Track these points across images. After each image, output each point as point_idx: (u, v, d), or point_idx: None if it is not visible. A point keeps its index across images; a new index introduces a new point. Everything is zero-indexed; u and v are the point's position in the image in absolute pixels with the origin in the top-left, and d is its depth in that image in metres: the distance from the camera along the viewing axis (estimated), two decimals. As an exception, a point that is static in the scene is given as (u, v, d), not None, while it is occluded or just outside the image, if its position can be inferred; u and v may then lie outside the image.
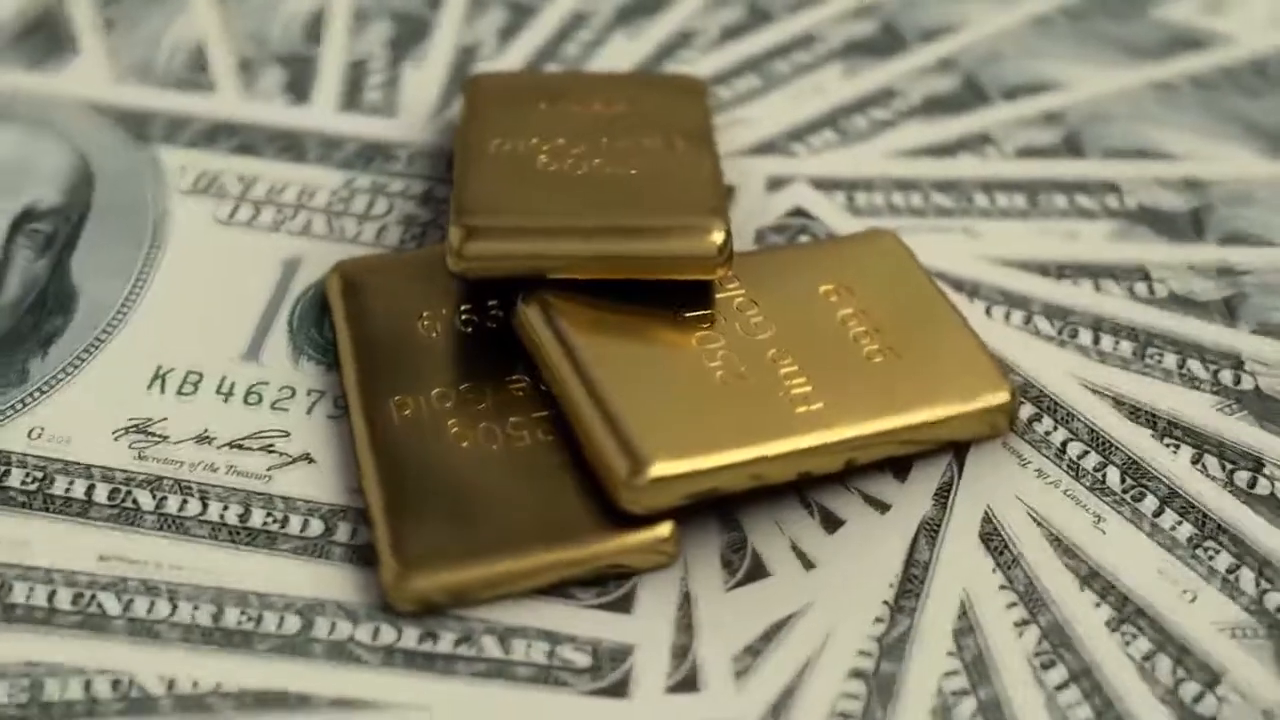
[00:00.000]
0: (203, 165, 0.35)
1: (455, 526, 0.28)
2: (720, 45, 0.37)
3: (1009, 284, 0.32)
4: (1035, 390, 0.30)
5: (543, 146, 0.32)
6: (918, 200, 0.34)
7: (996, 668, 0.27)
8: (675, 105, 0.33)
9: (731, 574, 0.28)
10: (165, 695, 0.26)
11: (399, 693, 0.27)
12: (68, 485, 0.29)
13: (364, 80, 0.37)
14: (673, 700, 0.27)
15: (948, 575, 0.28)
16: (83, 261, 0.33)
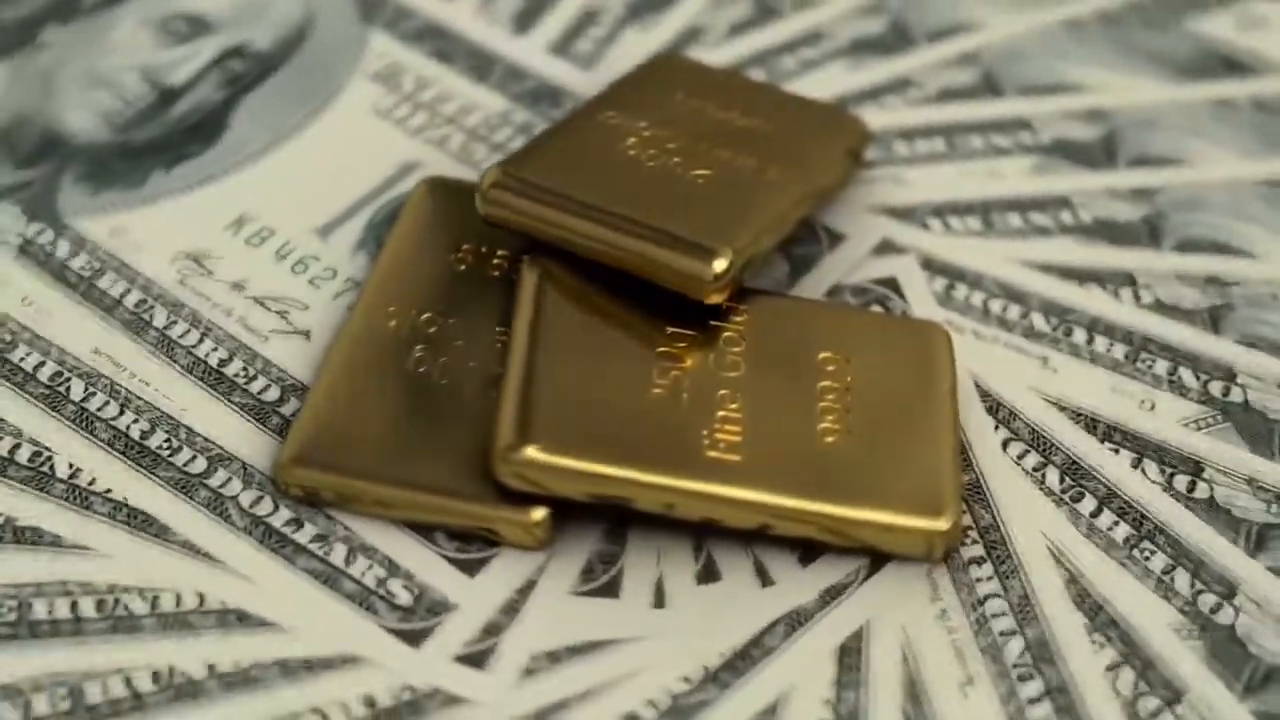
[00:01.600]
0: (396, 56, 0.37)
1: (360, 437, 0.29)
2: (729, 39, 0.37)
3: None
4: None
5: (643, 132, 0.32)
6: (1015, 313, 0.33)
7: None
8: (812, 137, 0.33)
9: (585, 581, 0.28)
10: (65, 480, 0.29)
11: (238, 559, 0.29)
12: (111, 284, 0.33)
13: (586, 30, 0.38)
14: (453, 668, 0.27)
15: (780, 669, 0.28)
16: (251, 105, 0.36)
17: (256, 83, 0.37)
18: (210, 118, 0.36)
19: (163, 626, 0.28)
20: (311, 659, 0.27)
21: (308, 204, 0.34)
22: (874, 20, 0.38)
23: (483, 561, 0.29)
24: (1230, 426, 0.31)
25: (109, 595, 0.28)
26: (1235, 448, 0.30)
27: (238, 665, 0.27)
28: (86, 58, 0.37)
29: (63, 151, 0.35)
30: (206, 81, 0.37)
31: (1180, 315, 0.32)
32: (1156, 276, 0.33)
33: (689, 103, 0.34)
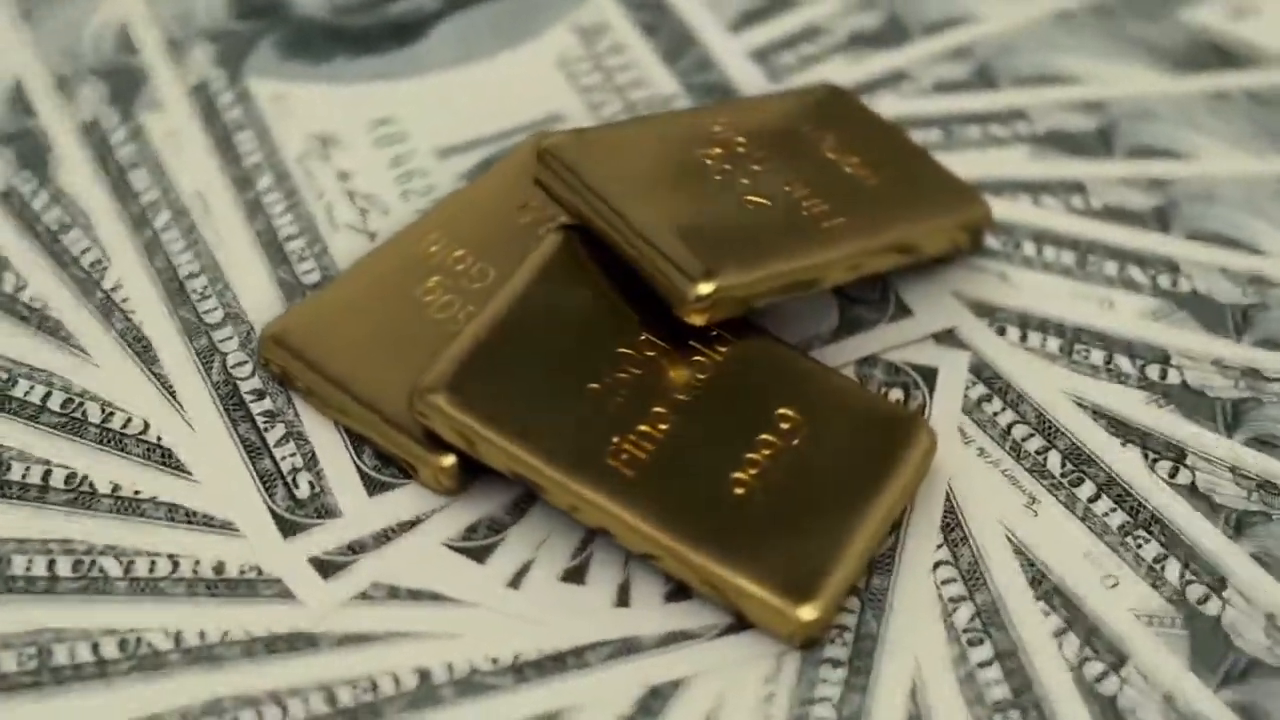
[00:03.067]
0: (609, 16, 0.37)
1: (341, 339, 0.31)
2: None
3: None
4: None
5: (737, 146, 0.32)
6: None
7: None
8: (916, 203, 0.32)
9: (464, 539, 0.29)
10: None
11: (194, 406, 0.30)
12: (244, 141, 0.35)
13: (798, 45, 0.37)
14: (302, 567, 0.28)
15: (581, 687, 0.27)
16: (457, 22, 0.37)
17: (471, 3, 0.39)
18: (416, 23, 0.38)
19: (100, 439, 0.30)
20: (196, 513, 0.29)
21: (445, 125, 0.35)
22: (870, 14, 0.37)
23: (388, 487, 0.30)
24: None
25: (77, 398, 0.31)
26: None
27: (138, 494, 0.30)
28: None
29: (279, 15, 0.38)
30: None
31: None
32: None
33: (812, 134, 0.34)
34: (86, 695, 0.27)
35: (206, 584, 0.29)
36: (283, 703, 0.27)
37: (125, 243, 0.33)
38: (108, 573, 0.29)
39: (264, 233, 0.34)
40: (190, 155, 0.35)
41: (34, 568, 0.29)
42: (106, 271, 0.33)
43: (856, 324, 0.33)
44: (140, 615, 0.28)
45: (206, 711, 0.27)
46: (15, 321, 0.32)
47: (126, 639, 0.28)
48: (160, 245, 0.33)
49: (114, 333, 0.32)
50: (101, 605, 0.28)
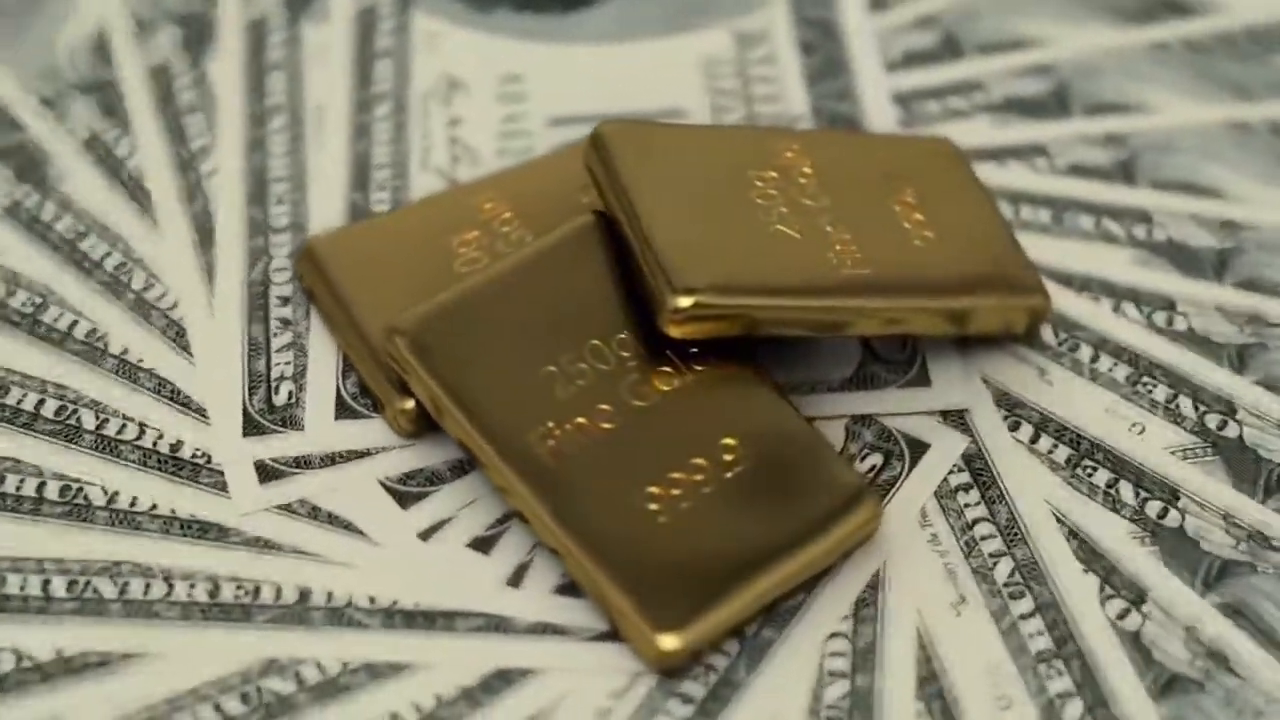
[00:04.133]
0: (776, 25, 0.37)
1: (365, 272, 0.31)
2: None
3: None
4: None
5: (798, 175, 0.32)
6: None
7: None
8: (965, 273, 0.31)
9: (397, 482, 0.30)
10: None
11: (221, 301, 0.32)
12: (381, 69, 0.36)
13: (947, 97, 0.36)
14: (244, 467, 0.30)
15: (436, 648, 0.28)
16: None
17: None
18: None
19: (135, 306, 0.32)
20: (180, 392, 0.31)
21: (566, 96, 0.36)
22: (1036, 81, 0.36)
23: (356, 416, 0.31)
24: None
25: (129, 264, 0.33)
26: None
27: (140, 361, 0.31)
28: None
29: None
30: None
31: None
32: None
33: (890, 183, 0.33)
34: (15, 522, 0.29)
35: (159, 458, 0.30)
36: (171, 581, 0.29)
37: (237, 134, 0.35)
38: (82, 425, 0.31)
39: (360, 157, 0.35)
40: (331, 70, 0.37)
41: (23, 401, 0.31)
42: (210, 153, 0.35)
43: (869, 380, 0.32)
44: (90, 469, 0.30)
45: (104, 570, 0.29)
46: (118, 191, 0.34)
47: (69, 485, 0.30)
48: (265, 144, 0.35)
49: (190, 210, 0.34)
50: (62, 453, 0.30)
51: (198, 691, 0.28)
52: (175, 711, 0.27)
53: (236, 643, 0.28)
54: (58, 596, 0.29)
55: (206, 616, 0.29)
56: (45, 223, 0.34)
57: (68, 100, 0.35)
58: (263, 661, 0.28)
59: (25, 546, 0.29)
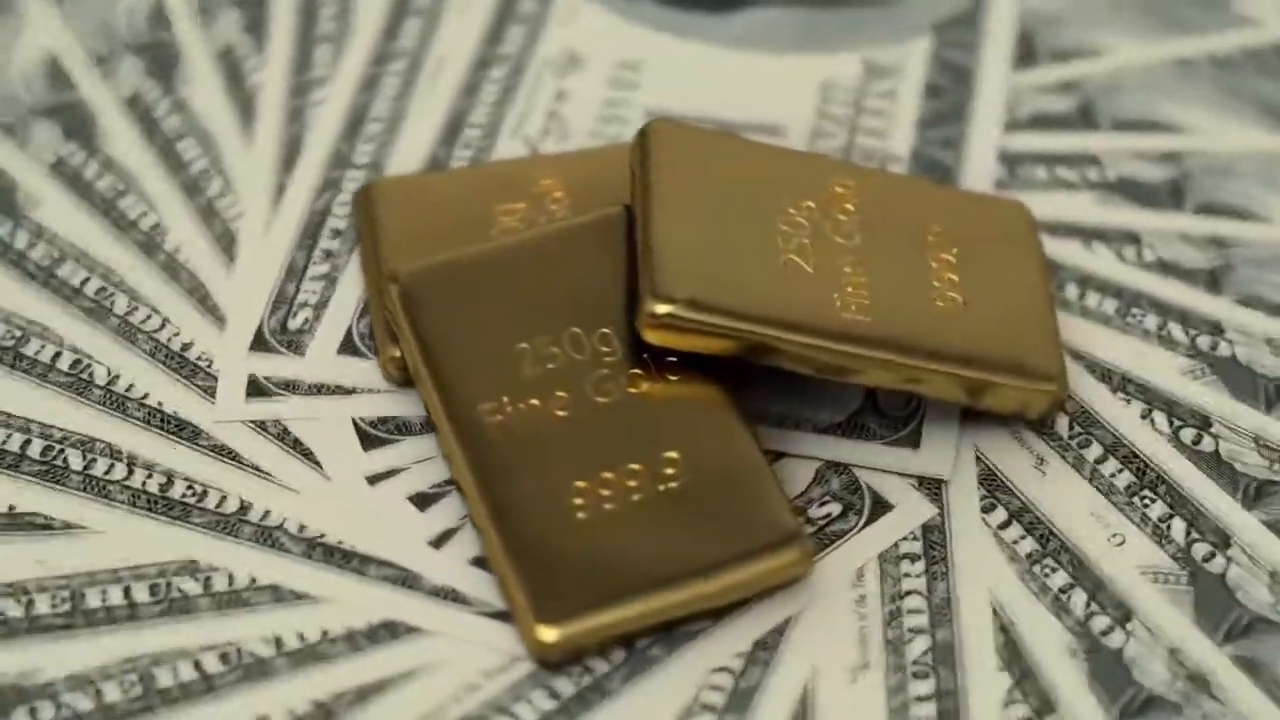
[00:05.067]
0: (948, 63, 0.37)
1: (401, 216, 0.32)
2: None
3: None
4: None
5: (838, 211, 0.31)
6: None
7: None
8: (982, 345, 0.30)
9: (372, 425, 0.31)
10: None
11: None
12: (513, 37, 0.37)
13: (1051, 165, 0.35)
14: (239, 389, 0.31)
15: (335, 609, 0.29)
16: (788, 13, 0.38)
17: (813, 3, 0.38)
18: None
19: (203, 212, 0.34)
20: (209, 297, 0.32)
21: (675, 92, 0.36)
22: (1158, 167, 0.35)
23: (356, 354, 0.32)
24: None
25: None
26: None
27: (185, 260, 0.33)
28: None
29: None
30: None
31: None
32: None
33: (937, 239, 0.32)
34: (23, 382, 0.31)
35: (168, 352, 0.32)
36: (134, 467, 0.30)
37: (356, 70, 0.36)
38: (114, 308, 0.32)
39: (458, 113, 0.36)
40: (467, 24, 0.37)
41: (72, 278, 0.32)
42: (326, 84, 0.36)
43: (859, 429, 0.31)
44: (105, 350, 0.32)
45: (81, 444, 0.30)
46: (231, 103, 0.35)
47: (81, 360, 0.31)
48: (378, 83, 0.36)
49: (287, 131, 0.35)
50: (86, 329, 0.32)
51: (116, 573, 0.29)
52: (89, 585, 0.29)
53: (166, 537, 0.30)
54: (31, 457, 0.31)
55: (151, 508, 0.30)
56: (157, 118, 0.36)
57: (215, 8, 0.37)
58: (183, 560, 0.29)
59: (26, 407, 0.31)
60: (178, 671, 0.28)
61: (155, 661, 0.28)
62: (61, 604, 0.29)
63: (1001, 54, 0.37)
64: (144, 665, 0.28)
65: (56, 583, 0.29)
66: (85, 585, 0.29)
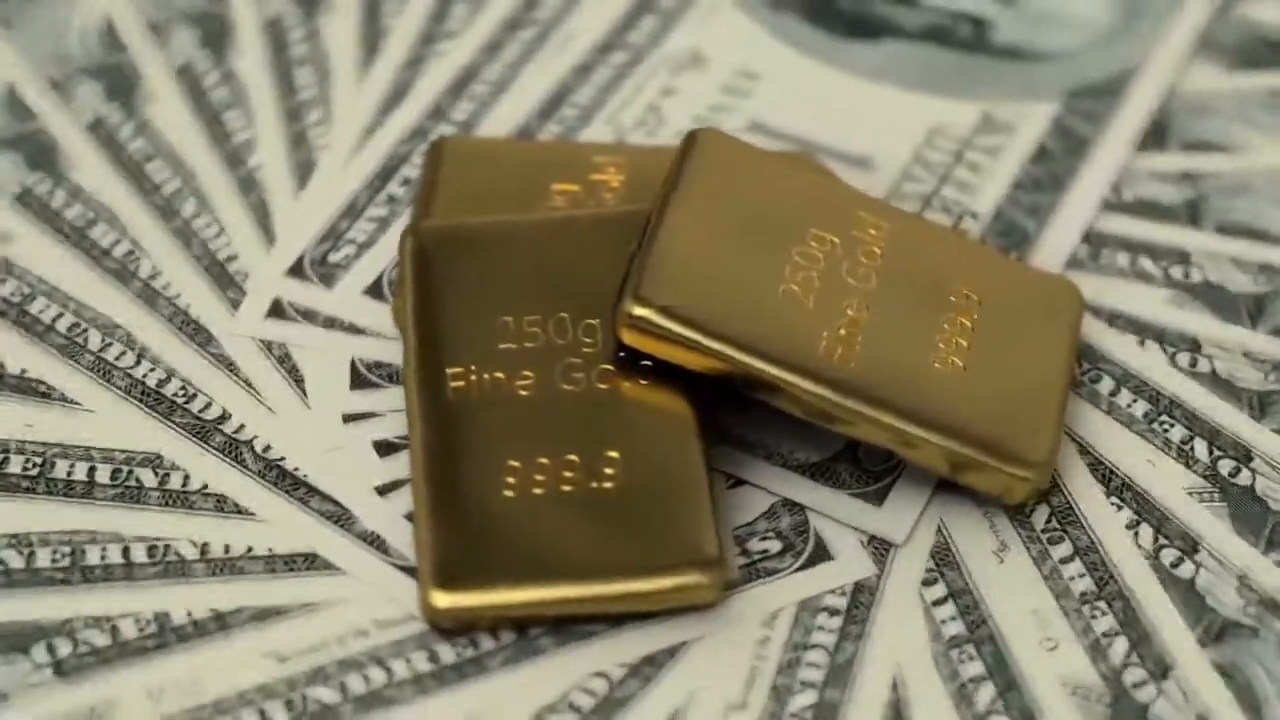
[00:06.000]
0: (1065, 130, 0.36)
1: (457, 178, 0.33)
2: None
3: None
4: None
5: (862, 253, 0.31)
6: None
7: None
8: (957, 415, 0.29)
9: (368, 369, 0.32)
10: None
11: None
12: (649, 25, 0.37)
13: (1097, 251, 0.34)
14: (264, 297, 0.32)
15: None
16: (925, 50, 0.37)
17: (947, 44, 0.37)
18: (882, 28, 0.37)
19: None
20: (267, 215, 0.34)
21: (781, 111, 0.35)
22: (1246, 277, 0.33)
23: (378, 298, 0.32)
24: None
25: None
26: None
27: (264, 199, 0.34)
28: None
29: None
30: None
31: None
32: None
33: (955, 297, 0.31)
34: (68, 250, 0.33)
35: (211, 259, 0.33)
36: (140, 358, 0.31)
37: (482, 34, 0.37)
38: (181, 211, 0.34)
39: (562, 89, 0.36)
40: (605, 4, 0.37)
41: (164, 186, 0.34)
42: (452, 39, 0.37)
43: (826, 473, 0.31)
44: (155, 243, 0.33)
45: (93, 320, 0.32)
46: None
47: (122, 242, 0.33)
48: (500, 49, 0.37)
49: (400, 76, 0.36)
50: (147, 221, 0.34)
51: (88, 450, 0.31)
52: (60, 456, 0.30)
53: (144, 428, 0.31)
54: (59, 330, 0.32)
55: (142, 399, 0.31)
56: (289, 43, 0.38)
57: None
58: (146, 452, 0.31)
59: (76, 286, 0.33)
60: (105, 553, 0.30)
61: (90, 539, 0.30)
62: (32, 468, 0.31)
63: (1127, 132, 0.36)
64: (79, 540, 0.30)
65: (34, 447, 0.31)
66: (57, 455, 0.31)
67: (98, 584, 0.29)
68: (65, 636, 0.29)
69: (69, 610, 0.29)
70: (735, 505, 0.30)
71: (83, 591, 0.29)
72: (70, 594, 0.29)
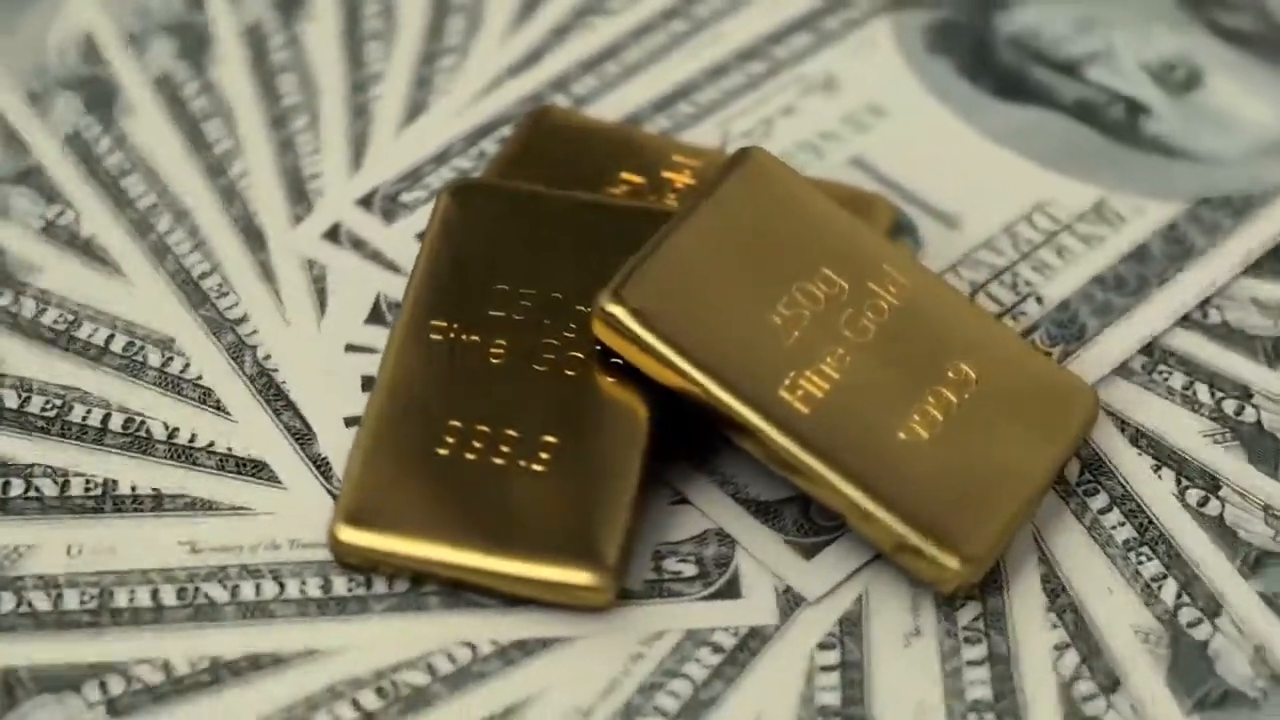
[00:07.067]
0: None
1: (522, 163, 0.33)
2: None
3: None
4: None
5: (868, 308, 0.30)
6: None
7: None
8: (913, 499, 0.28)
9: (372, 315, 0.32)
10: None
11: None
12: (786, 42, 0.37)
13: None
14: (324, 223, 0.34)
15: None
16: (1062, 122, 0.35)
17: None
18: (1034, 92, 0.36)
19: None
20: (364, 148, 0.35)
21: (893, 151, 0.35)
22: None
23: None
24: None
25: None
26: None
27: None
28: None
29: (972, 35, 0.37)
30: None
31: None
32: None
33: (954, 372, 0.29)
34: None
35: (295, 175, 0.34)
36: (198, 247, 0.33)
37: (638, 16, 0.37)
38: (290, 127, 0.36)
39: (691, 85, 0.36)
40: (766, 13, 0.37)
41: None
42: (603, 18, 0.37)
43: (771, 514, 0.30)
44: (253, 139, 0.35)
45: (175, 205, 0.34)
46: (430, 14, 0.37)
47: (221, 140, 0.34)
48: (648, 33, 0.37)
49: (538, 39, 0.36)
50: (258, 128, 0.36)
51: (114, 319, 0.32)
52: (89, 319, 0.32)
53: (170, 311, 0.32)
54: (139, 206, 0.34)
55: (181, 285, 0.33)
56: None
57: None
58: (163, 334, 0.32)
59: (162, 162, 0.34)
60: (89, 415, 0.31)
61: (80, 398, 0.31)
62: (61, 324, 0.32)
63: (1241, 252, 0.33)
64: (71, 397, 0.31)
65: (70, 304, 0.32)
66: (87, 317, 0.32)
67: (68, 441, 0.31)
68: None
69: (32, 457, 0.31)
70: (668, 523, 0.30)
71: (52, 443, 0.31)
72: (40, 441, 0.31)
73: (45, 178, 0.34)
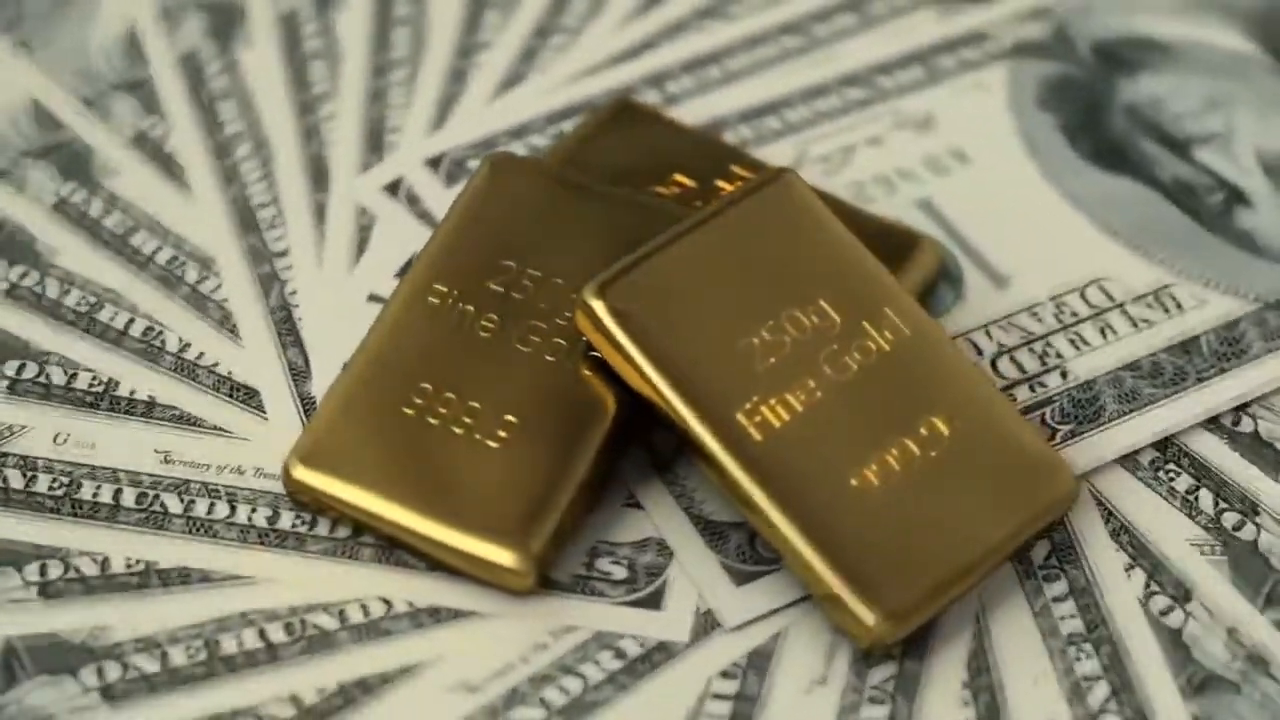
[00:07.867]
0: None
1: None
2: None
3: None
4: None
5: (855, 349, 0.29)
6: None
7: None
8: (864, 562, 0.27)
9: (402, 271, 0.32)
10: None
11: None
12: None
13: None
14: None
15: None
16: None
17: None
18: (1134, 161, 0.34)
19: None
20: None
21: (950, 194, 0.34)
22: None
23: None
24: None
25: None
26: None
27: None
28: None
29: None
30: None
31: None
32: None
33: (927, 429, 0.29)
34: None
35: (377, 123, 0.35)
36: (265, 155, 0.34)
37: (759, 23, 0.37)
38: (390, 78, 0.36)
39: (786, 100, 0.35)
40: (888, 40, 0.36)
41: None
42: (727, 23, 0.37)
43: (717, 533, 0.30)
44: (352, 74, 0.36)
45: (257, 135, 0.34)
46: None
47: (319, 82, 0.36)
48: (760, 44, 0.36)
49: (653, 31, 0.37)
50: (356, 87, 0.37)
51: (167, 232, 0.34)
52: (143, 228, 0.34)
53: (221, 234, 0.33)
54: (220, 137, 0.35)
55: (241, 212, 0.34)
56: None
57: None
58: (206, 253, 0.33)
59: (259, 92, 0.35)
60: (114, 317, 0.32)
61: (115, 299, 0.33)
62: (121, 229, 0.34)
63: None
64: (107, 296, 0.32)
65: (123, 209, 0.35)
66: (136, 228, 0.34)
67: (90, 336, 0.32)
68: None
69: (52, 346, 0.32)
70: (614, 523, 0.30)
71: (75, 336, 0.32)
72: (64, 333, 0.32)
73: (150, 90, 0.37)
